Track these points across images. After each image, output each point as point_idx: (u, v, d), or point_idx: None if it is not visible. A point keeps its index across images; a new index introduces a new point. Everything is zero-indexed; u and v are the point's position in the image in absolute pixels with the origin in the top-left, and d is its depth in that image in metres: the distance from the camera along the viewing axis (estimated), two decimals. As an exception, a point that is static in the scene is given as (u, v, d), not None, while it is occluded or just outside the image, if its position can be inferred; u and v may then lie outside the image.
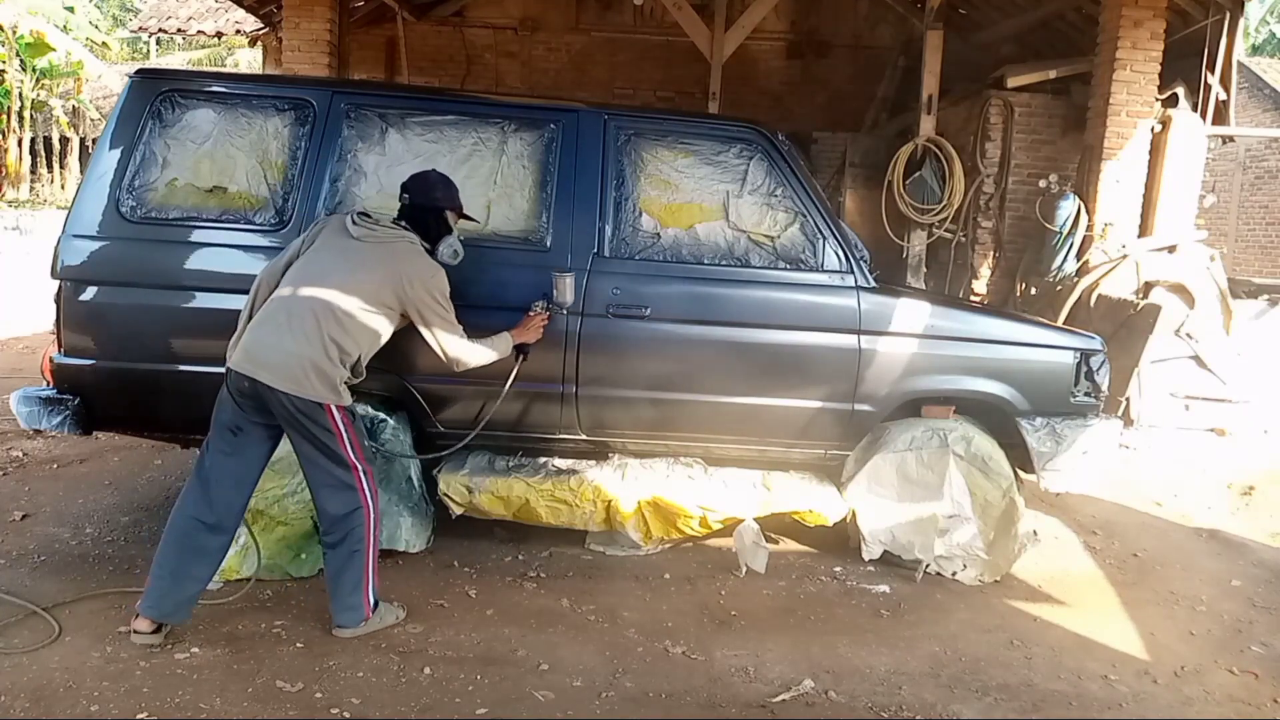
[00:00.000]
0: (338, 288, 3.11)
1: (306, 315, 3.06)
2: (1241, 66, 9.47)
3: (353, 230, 3.21)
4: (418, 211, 3.35)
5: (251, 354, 3.06)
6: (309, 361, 3.03)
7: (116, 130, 3.74)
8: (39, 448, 5.28)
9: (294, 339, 3.04)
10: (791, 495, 3.99)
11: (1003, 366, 3.99)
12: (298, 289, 3.12)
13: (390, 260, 3.20)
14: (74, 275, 3.69)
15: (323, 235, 3.26)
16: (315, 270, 3.16)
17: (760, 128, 3.98)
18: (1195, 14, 7.17)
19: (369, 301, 3.14)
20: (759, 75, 10.61)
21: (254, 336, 3.10)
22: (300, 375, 3.02)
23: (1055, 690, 3.16)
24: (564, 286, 3.65)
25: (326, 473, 3.17)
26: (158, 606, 3.07)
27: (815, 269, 3.91)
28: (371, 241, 3.21)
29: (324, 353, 3.06)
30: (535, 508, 3.89)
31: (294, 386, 3.02)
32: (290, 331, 3.05)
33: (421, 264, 3.27)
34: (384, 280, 3.17)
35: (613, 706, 2.92)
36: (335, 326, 3.08)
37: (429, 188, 3.38)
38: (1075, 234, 6.86)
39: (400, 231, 3.28)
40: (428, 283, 3.24)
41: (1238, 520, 5.14)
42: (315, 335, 3.05)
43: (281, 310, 3.10)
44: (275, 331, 3.07)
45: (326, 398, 3.07)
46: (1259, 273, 14.65)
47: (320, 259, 3.19)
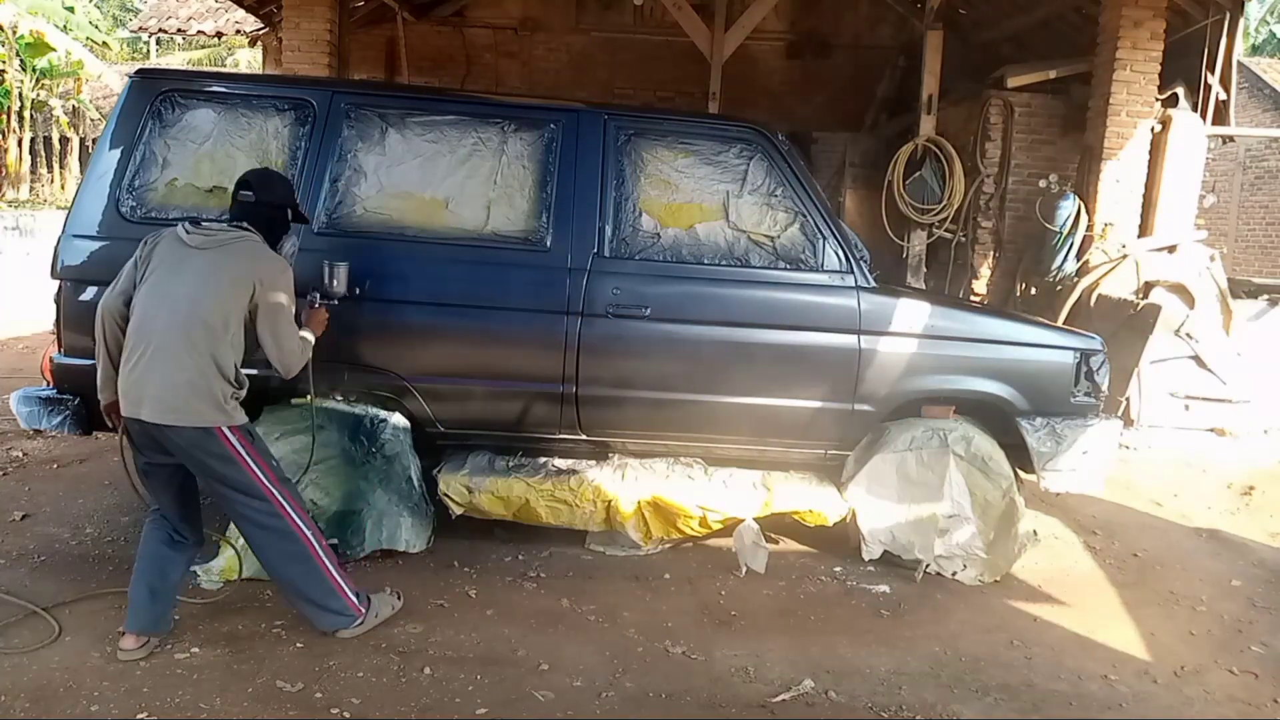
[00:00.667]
0: (195, 300, 2.92)
1: (173, 338, 2.89)
2: (1241, 66, 9.48)
3: (189, 240, 3.00)
4: (263, 209, 3.13)
5: (128, 395, 2.92)
6: (185, 386, 2.88)
7: (116, 130, 3.74)
8: (39, 448, 5.28)
9: (164, 367, 2.88)
10: (791, 495, 3.99)
11: (1003, 366, 3.99)
12: (154, 314, 2.93)
13: (237, 261, 3.01)
14: (74, 275, 3.69)
15: (158, 254, 3.01)
16: (162, 291, 2.95)
17: (760, 128, 3.99)
18: (1195, 14, 7.17)
19: (229, 307, 2.96)
20: (759, 75, 10.60)
21: (129, 379, 2.92)
22: (179, 404, 2.87)
23: (1055, 690, 3.16)
24: (340, 276, 3.51)
25: (245, 505, 3.04)
26: (140, 622, 3.05)
27: (815, 269, 3.91)
28: (213, 248, 3.00)
29: (200, 372, 2.89)
30: (535, 508, 3.89)
31: (175, 417, 2.87)
32: (158, 360, 2.88)
33: (272, 262, 3.10)
34: (236, 282, 2.98)
35: (613, 706, 2.92)
36: (205, 340, 2.91)
37: (274, 184, 3.21)
38: (1075, 234, 6.86)
39: (240, 232, 3.07)
40: (278, 280, 3.07)
41: (1238, 520, 5.14)
42: (187, 356, 2.89)
43: (142, 342, 2.92)
44: (145, 365, 2.89)
45: (214, 420, 2.92)
46: (1259, 273, 14.65)
47: (167, 278, 2.97)
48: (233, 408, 2.99)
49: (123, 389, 2.95)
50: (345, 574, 3.22)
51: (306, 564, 3.10)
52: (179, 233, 3.04)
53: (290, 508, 3.08)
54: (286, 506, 3.07)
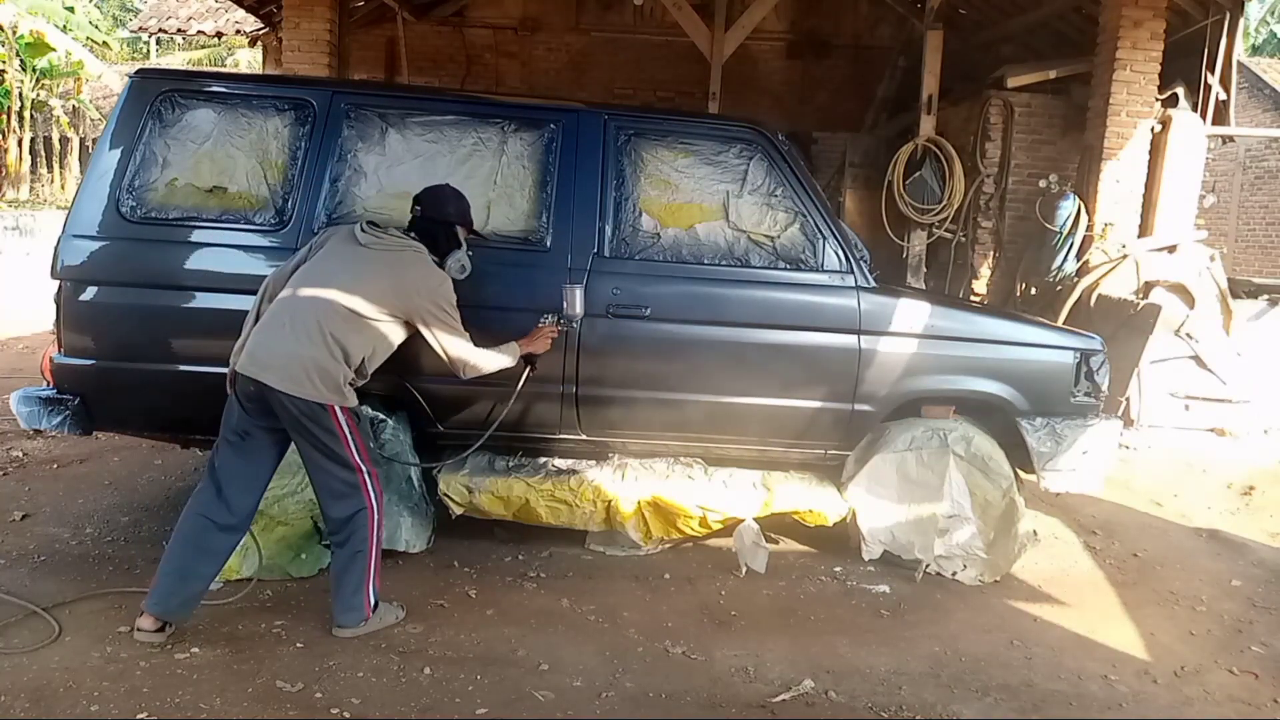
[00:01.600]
0: (342, 289, 3.11)
1: (309, 316, 3.07)
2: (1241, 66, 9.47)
3: (361, 238, 3.22)
4: (428, 224, 3.34)
5: (255, 356, 3.07)
6: (311, 362, 3.04)
7: (116, 130, 3.74)
8: (39, 448, 5.28)
9: (296, 340, 3.05)
10: (791, 495, 3.99)
11: (1003, 366, 3.99)
12: (301, 291, 3.13)
13: (396, 267, 3.21)
14: (74, 275, 3.69)
15: (330, 242, 3.27)
16: (320, 274, 3.17)
17: (760, 128, 3.99)
18: (1195, 14, 7.17)
19: (374, 305, 3.15)
20: (759, 75, 10.60)
21: (258, 339, 3.11)
22: (302, 376, 3.02)
23: (1055, 690, 3.16)
24: (573, 299, 3.63)
25: (331, 475, 3.17)
26: (163, 604, 3.08)
27: (815, 269, 3.90)
28: (379, 249, 3.22)
29: (327, 353, 3.06)
30: (535, 508, 3.89)
31: (296, 388, 3.02)
32: (293, 333, 3.06)
33: (427, 272, 3.27)
34: (389, 286, 3.18)
35: (613, 706, 2.92)
36: (339, 326, 3.08)
37: (442, 202, 3.38)
38: (1075, 234, 6.86)
39: (408, 241, 3.28)
40: (434, 292, 3.25)
41: (1238, 520, 5.14)
42: (318, 336, 3.05)
43: (285, 312, 3.11)
44: (278, 334, 3.08)
45: (329, 398, 3.07)
46: (1259, 273, 14.65)
47: (326, 264, 3.20)
48: (348, 391, 3.15)
49: (250, 348, 3.10)
50: (379, 573, 3.27)
51: (360, 545, 3.19)
52: (355, 229, 3.25)
53: (372, 489, 3.22)
54: (369, 486, 3.21)
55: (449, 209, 3.38)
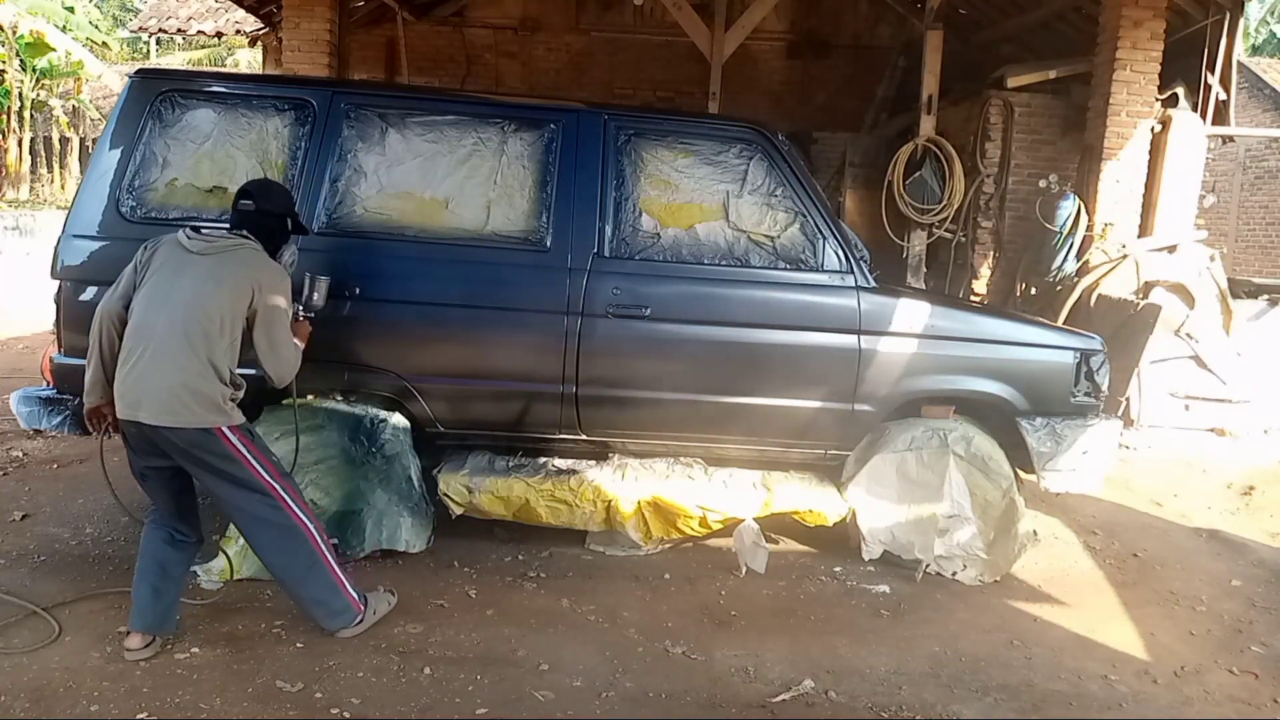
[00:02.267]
0: (194, 304, 2.92)
1: (167, 341, 2.89)
2: (1241, 66, 9.47)
3: (191, 246, 3.01)
4: (263, 218, 3.15)
5: (125, 397, 2.91)
6: (183, 388, 2.88)
7: (116, 130, 3.74)
8: (39, 448, 5.28)
9: (162, 369, 2.88)
10: (791, 495, 3.99)
11: (1003, 366, 3.99)
12: (150, 316, 2.93)
13: (237, 267, 3.01)
14: (74, 275, 3.69)
15: (158, 258, 3.02)
16: (162, 293, 2.95)
17: (760, 128, 3.99)
18: (1195, 14, 7.17)
19: (228, 311, 2.96)
20: (759, 75, 10.60)
21: (123, 378, 2.92)
22: (178, 406, 2.87)
23: (1055, 690, 3.16)
24: (320, 289, 3.44)
25: (245, 503, 3.05)
26: (144, 620, 3.05)
27: (815, 269, 3.90)
28: (214, 254, 3.01)
29: (198, 373, 2.90)
30: (535, 508, 3.89)
31: (174, 419, 2.88)
32: (155, 362, 2.88)
33: (271, 269, 3.11)
34: (235, 287, 2.98)
35: (613, 706, 2.92)
36: (199, 342, 2.91)
37: (274, 193, 3.22)
38: (1075, 234, 6.86)
39: (240, 239, 3.08)
40: (277, 287, 3.08)
41: (1238, 520, 5.13)
42: (185, 358, 2.89)
43: (140, 342, 2.91)
44: (141, 367, 2.89)
45: (213, 421, 2.92)
46: (1259, 273, 14.65)
47: (167, 282, 2.97)
48: (231, 408, 2.99)
49: (119, 391, 2.94)
50: (347, 572, 3.23)
51: (310, 560, 3.11)
52: (180, 238, 3.04)
53: (293, 502, 3.09)
54: (289, 501, 3.08)
55: (281, 200, 3.23)
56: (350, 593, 3.19)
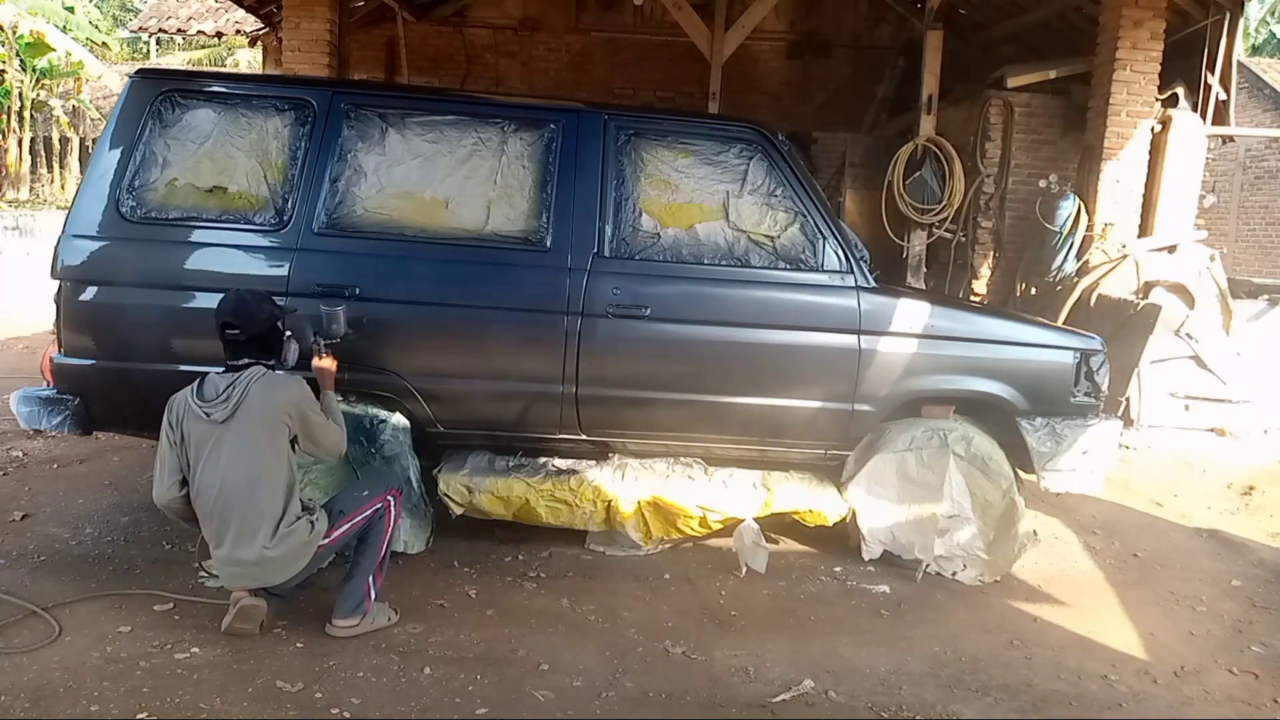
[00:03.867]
0: (251, 479, 3.06)
1: (250, 524, 3.05)
2: (1241, 66, 9.48)
3: (212, 416, 3.08)
4: (256, 340, 3.20)
5: (234, 579, 3.15)
6: (283, 559, 3.09)
7: (116, 130, 3.74)
8: (39, 448, 5.28)
9: (252, 551, 3.05)
10: (791, 495, 3.99)
11: (1003, 366, 3.99)
12: (222, 507, 3.07)
13: (260, 411, 3.09)
14: (74, 275, 3.69)
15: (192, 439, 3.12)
16: (219, 479, 3.07)
17: (760, 128, 3.98)
18: (1195, 14, 7.16)
19: (279, 459, 3.13)
20: (759, 75, 10.60)
21: (225, 561, 3.11)
22: (280, 570, 3.11)
23: (1055, 690, 3.16)
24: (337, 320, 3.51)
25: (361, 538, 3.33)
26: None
27: (815, 269, 3.90)
28: (235, 415, 3.07)
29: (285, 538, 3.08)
30: (535, 508, 3.89)
31: (281, 577, 3.13)
32: (243, 547, 3.06)
33: (287, 390, 3.17)
34: (269, 431, 3.11)
35: (613, 706, 2.92)
36: (276, 504, 3.08)
37: (252, 313, 3.20)
38: (1075, 234, 6.86)
39: (240, 375, 3.13)
40: (301, 405, 3.19)
41: (1238, 520, 5.14)
42: (267, 533, 3.05)
43: (225, 532, 3.08)
44: (231, 554, 3.08)
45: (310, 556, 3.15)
46: (1259, 273, 14.64)
47: (213, 466, 3.08)
48: (315, 529, 3.15)
49: (229, 574, 3.16)
50: (382, 571, 3.33)
51: (376, 556, 3.28)
52: (194, 409, 3.10)
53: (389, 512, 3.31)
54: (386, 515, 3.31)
55: (264, 316, 3.22)
56: (373, 591, 3.26)
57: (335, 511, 3.26)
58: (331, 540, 3.20)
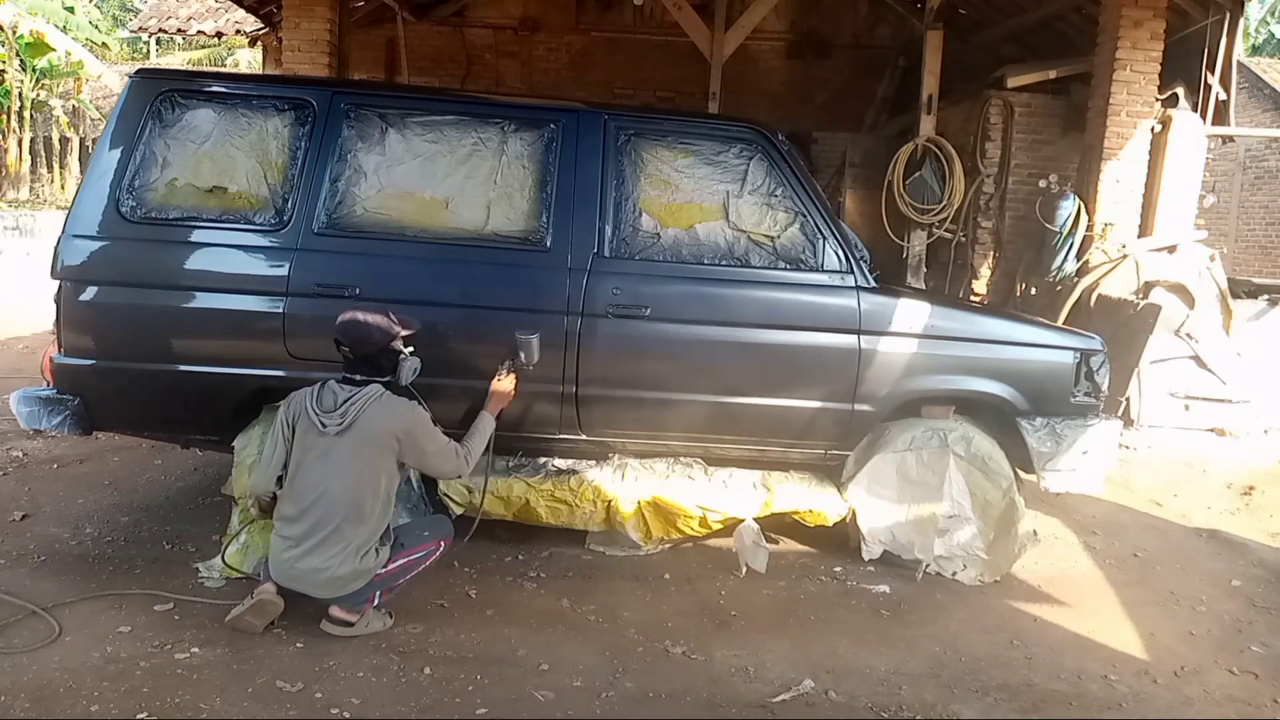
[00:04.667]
0: (345, 493, 3.13)
1: (330, 535, 3.11)
2: (1241, 66, 9.47)
3: (324, 427, 3.15)
4: (368, 359, 3.27)
5: (283, 576, 3.18)
6: (341, 580, 3.14)
7: (116, 130, 3.74)
8: (39, 448, 5.28)
9: (320, 561, 3.11)
10: (791, 495, 3.99)
11: (1003, 366, 3.99)
12: (317, 507, 3.13)
13: (370, 435, 3.16)
14: (74, 275, 3.69)
15: (302, 440, 3.20)
16: (319, 484, 3.14)
17: (760, 128, 3.98)
18: (1195, 14, 7.16)
19: (377, 479, 3.19)
20: (759, 75, 10.60)
21: (282, 559, 3.16)
22: (338, 587, 3.16)
23: (1055, 690, 3.16)
24: (531, 348, 3.58)
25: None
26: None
27: (815, 269, 3.90)
28: (348, 429, 3.15)
29: (355, 559, 3.14)
30: (535, 508, 3.89)
31: (334, 593, 3.18)
32: (315, 555, 3.12)
33: (398, 415, 3.23)
34: (378, 454, 3.19)
35: (613, 706, 2.92)
36: (360, 526, 3.14)
37: (364, 336, 3.26)
38: (1075, 234, 6.85)
39: (360, 391, 3.20)
40: (414, 431, 3.25)
41: (1238, 520, 5.13)
42: (343, 548, 3.11)
43: (298, 530, 3.14)
44: (301, 555, 3.13)
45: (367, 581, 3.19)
46: (1259, 273, 14.64)
47: (317, 471, 3.16)
48: (380, 552, 3.22)
49: (277, 568, 3.19)
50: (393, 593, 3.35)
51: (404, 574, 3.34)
52: (312, 419, 3.17)
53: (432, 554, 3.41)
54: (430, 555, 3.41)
55: (374, 337, 3.27)
56: (377, 598, 3.28)
57: (397, 543, 3.31)
58: (387, 571, 3.25)
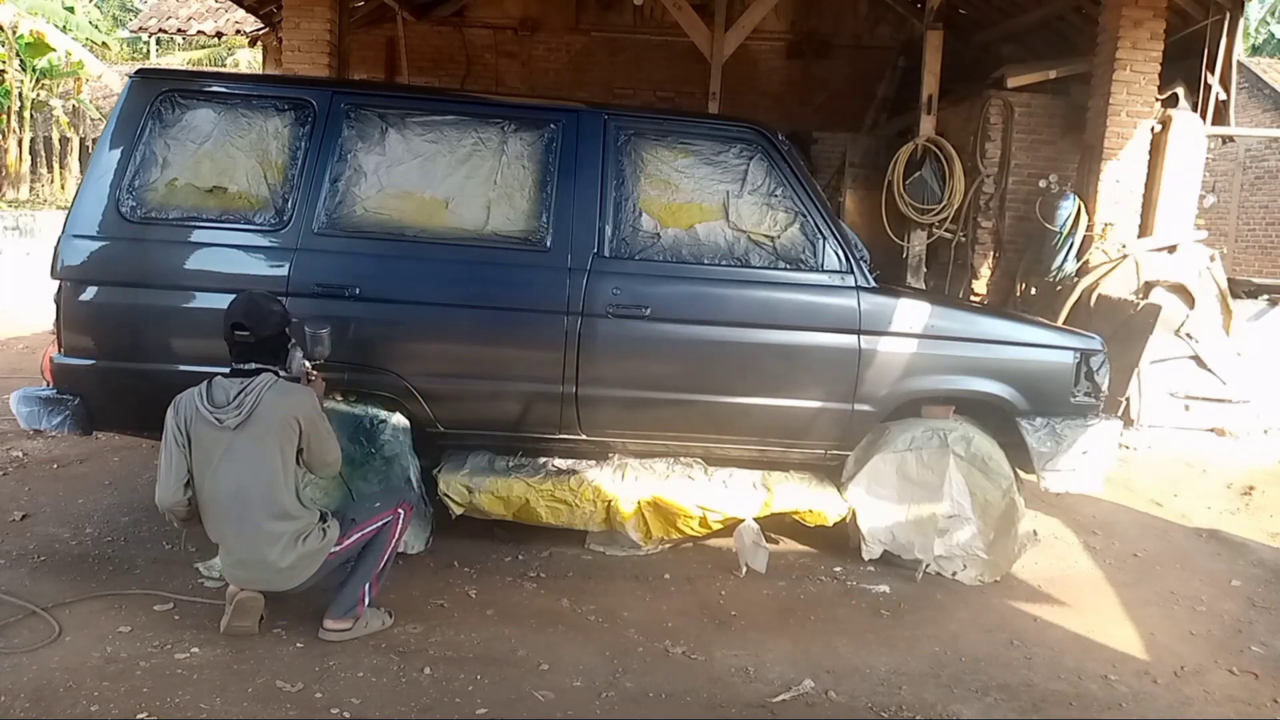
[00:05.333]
0: (256, 485, 3.08)
1: (256, 531, 3.07)
2: (1241, 66, 9.48)
3: (223, 423, 3.07)
4: (266, 343, 3.20)
5: (242, 581, 3.17)
6: (288, 570, 3.11)
7: (116, 130, 3.74)
8: (39, 448, 5.28)
9: (259, 556, 3.08)
10: (791, 495, 3.99)
11: (1003, 366, 3.99)
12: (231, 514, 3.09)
13: (272, 420, 3.10)
14: (74, 275, 3.69)
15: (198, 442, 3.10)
16: (226, 486, 3.08)
17: (760, 128, 3.98)
18: (1195, 14, 7.17)
19: (286, 467, 3.13)
20: (759, 75, 10.60)
21: (231, 565, 3.16)
22: (292, 576, 3.12)
23: (1055, 690, 3.16)
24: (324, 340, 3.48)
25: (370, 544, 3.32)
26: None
27: (815, 269, 3.90)
28: (245, 421, 3.07)
29: (292, 543, 3.09)
30: (535, 508, 3.89)
31: (291, 583, 3.14)
32: (251, 553, 3.09)
33: (296, 399, 3.18)
34: (282, 440, 3.12)
35: (613, 706, 2.92)
36: (281, 512, 3.09)
37: (265, 316, 3.20)
38: (1075, 234, 6.86)
39: (252, 382, 3.12)
40: (311, 414, 3.21)
41: (1238, 520, 5.13)
42: (274, 539, 3.07)
43: (227, 535, 3.12)
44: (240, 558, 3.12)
45: (321, 562, 3.16)
46: (1259, 273, 14.64)
47: (221, 471, 3.08)
48: (325, 535, 3.17)
49: (235, 577, 3.19)
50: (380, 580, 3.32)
51: (377, 562, 3.29)
52: (207, 417, 3.07)
53: (394, 524, 3.33)
54: (395, 523, 3.33)
55: (274, 320, 3.21)
56: (368, 597, 3.25)
57: (347, 520, 3.27)
58: (342, 549, 3.21)
